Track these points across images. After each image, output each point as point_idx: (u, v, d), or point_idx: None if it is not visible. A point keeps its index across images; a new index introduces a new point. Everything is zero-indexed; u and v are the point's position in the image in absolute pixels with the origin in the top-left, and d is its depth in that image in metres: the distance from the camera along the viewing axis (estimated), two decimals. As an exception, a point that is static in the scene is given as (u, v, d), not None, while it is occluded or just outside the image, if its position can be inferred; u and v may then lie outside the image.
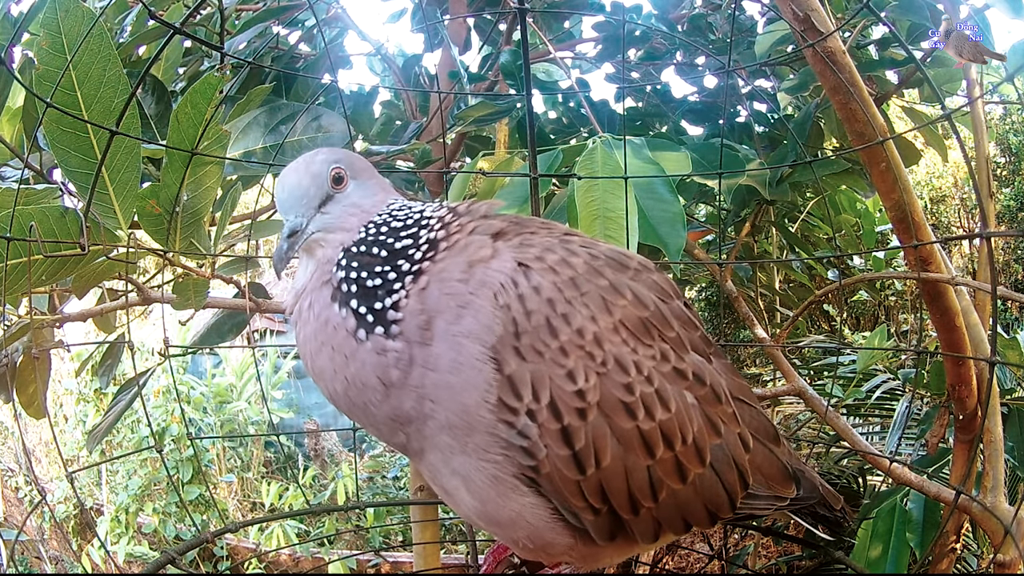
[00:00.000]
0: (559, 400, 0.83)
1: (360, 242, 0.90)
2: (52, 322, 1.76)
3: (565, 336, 0.84)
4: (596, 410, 0.84)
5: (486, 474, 0.86)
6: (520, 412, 0.82)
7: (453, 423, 0.84)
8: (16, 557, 5.18)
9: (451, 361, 0.83)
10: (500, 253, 0.88)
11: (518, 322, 0.83)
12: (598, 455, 0.84)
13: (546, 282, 0.85)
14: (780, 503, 1.02)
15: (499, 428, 0.83)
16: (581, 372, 0.84)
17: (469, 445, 0.85)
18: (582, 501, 0.85)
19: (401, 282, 0.85)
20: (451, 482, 0.90)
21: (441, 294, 0.84)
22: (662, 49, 2.49)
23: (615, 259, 0.94)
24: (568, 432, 0.83)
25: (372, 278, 0.86)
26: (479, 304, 0.84)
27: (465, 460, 0.86)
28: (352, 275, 0.87)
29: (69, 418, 6.36)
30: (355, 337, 0.85)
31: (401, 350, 0.83)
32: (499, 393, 0.82)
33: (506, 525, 0.91)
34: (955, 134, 1.18)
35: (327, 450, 7.21)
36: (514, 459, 0.84)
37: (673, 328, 0.94)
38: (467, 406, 0.83)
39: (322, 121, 1.75)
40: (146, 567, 1.81)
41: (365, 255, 0.88)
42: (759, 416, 1.03)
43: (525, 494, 0.87)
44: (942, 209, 7.62)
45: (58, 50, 1.22)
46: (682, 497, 0.90)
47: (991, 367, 1.13)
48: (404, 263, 0.87)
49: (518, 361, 0.82)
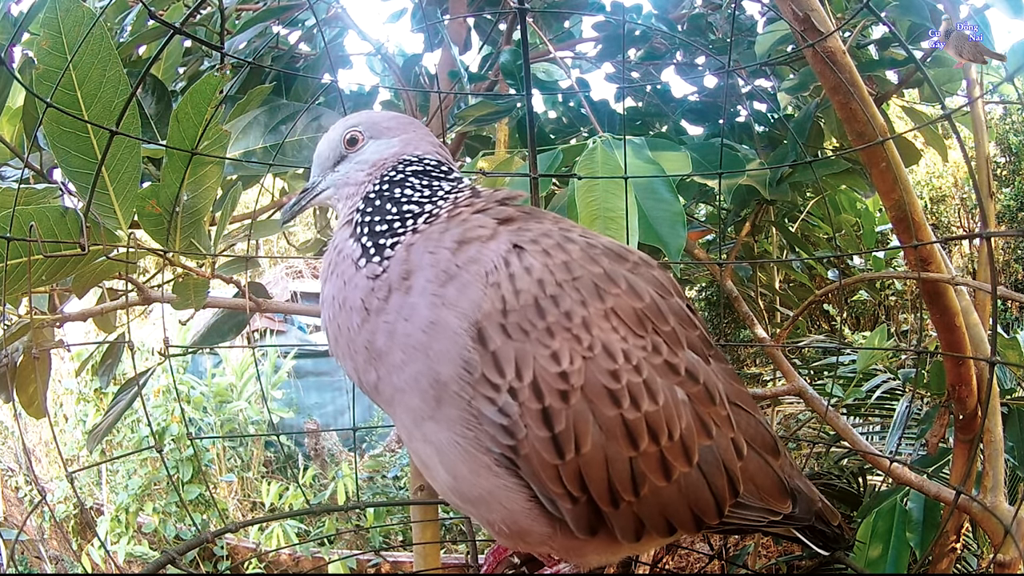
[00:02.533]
0: (541, 380, 0.83)
1: (377, 194, 0.99)
2: (52, 322, 1.76)
3: (552, 317, 0.84)
4: (579, 394, 0.84)
5: (458, 448, 0.86)
6: (502, 389, 0.83)
7: (422, 386, 0.86)
8: (16, 557, 5.18)
9: (426, 320, 0.85)
10: (499, 235, 0.90)
11: (506, 300, 0.84)
12: (578, 440, 0.84)
13: (538, 263, 0.86)
14: (773, 517, 1.00)
15: (479, 404, 0.83)
16: (566, 354, 0.83)
17: (440, 414, 0.86)
18: (560, 487, 0.85)
19: (403, 231, 0.93)
20: (425, 449, 0.91)
21: (424, 251, 0.89)
22: (662, 49, 2.49)
23: (614, 250, 0.95)
24: (548, 413, 0.83)
25: (381, 223, 0.95)
26: (467, 279, 0.85)
27: (436, 428, 0.87)
28: (367, 218, 0.97)
29: (69, 418, 6.37)
30: (356, 264, 0.93)
31: (383, 281, 0.90)
32: (482, 369, 0.83)
33: (479, 504, 0.91)
34: (955, 134, 1.18)
35: (327, 450, 7.21)
36: (491, 436, 0.84)
37: (668, 323, 0.93)
38: (440, 377, 0.85)
39: (322, 121, 1.75)
40: (146, 567, 1.81)
41: (379, 207, 0.97)
42: (758, 425, 1.01)
43: (500, 475, 0.86)
44: (942, 209, 7.63)
45: (58, 50, 1.22)
46: (665, 496, 0.89)
47: (991, 367, 1.13)
48: (409, 219, 0.95)
49: (503, 338, 0.83)
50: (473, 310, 0.84)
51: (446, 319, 0.84)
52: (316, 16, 1.84)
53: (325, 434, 7.15)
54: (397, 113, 1.09)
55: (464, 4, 2.38)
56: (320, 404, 8.20)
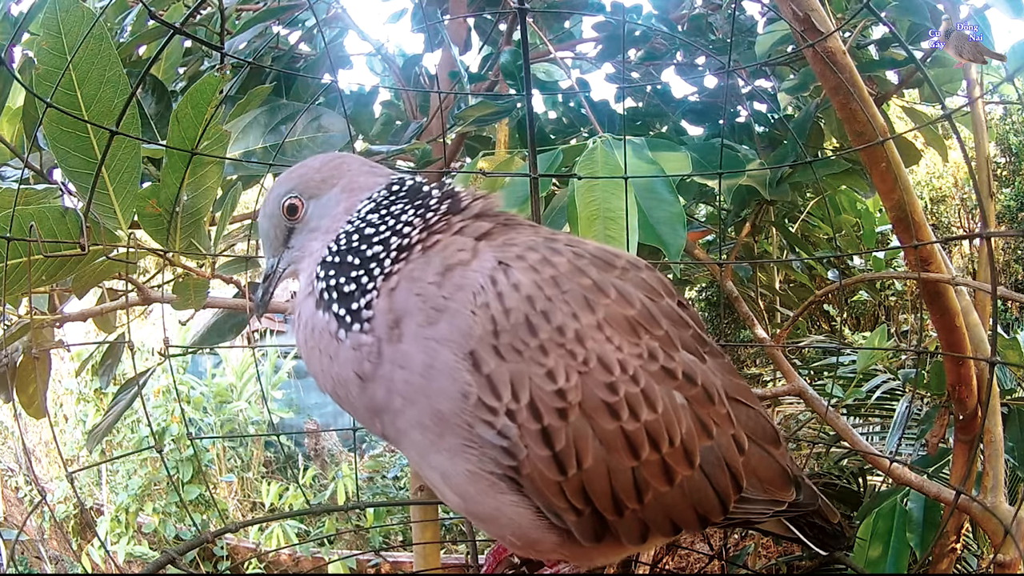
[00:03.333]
0: (539, 400, 0.82)
1: (335, 253, 0.93)
2: (52, 322, 1.76)
3: (545, 334, 0.83)
4: (578, 410, 0.83)
5: (463, 472, 0.86)
6: (499, 412, 0.81)
7: (425, 423, 0.85)
8: (16, 557, 5.18)
9: (423, 364, 0.83)
10: (481, 254, 0.87)
11: (496, 320, 0.82)
12: (579, 456, 0.83)
13: (526, 280, 0.84)
14: (778, 507, 1.00)
15: (478, 428, 0.83)
16: (562, 371, 0.82)
17: (443, 445, 0.85)
18: (564, 502, 0.85)
19: (373, 283, 0.88)
20: (432, 476, 0.91)
21: (410, 294, 0.85)
22: (662, 49, 2.49)
23: (601, 258, 0.93)
24: (548, 433, 0.82)
25: (348, 284, 0.89)
26: (455, 308, 0.83)
27: (440, 458, 0.87)
28: (331, 283, 0.91)
29: (69, 418, 6.37)
30: (336, 338, 0.88)
31: (371, 343, 0.86)
32: (479, 393, 0.81)
33: (489, 521, 0.91)
34: (955, 134, 1.18)
35: (327, 450, 7.21)
36: (493, 458, 0.84)
37: (662, 326, 0.92)
38: (441, 412, 0.83)
39: (322, 121, 1.75)
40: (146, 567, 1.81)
41: (340, 264, 0.91)
42: (757, 417, 1.01)
43: (505, 492, 0.86)
44: (942, 209, 7.63)
45: (58, 50, 1.22)
46: (669, 499, 0.88)
47: (991, 367, 1.13)
48: (375, 267, 0.89)
49: (497, 360, 0.82)
50: (465, 339, 0.82)
51: (442, 357, 0.83)
52: (316, 16, 1.84)
53: (325, 434, 7.14)
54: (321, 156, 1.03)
55: (464, 4, 2.38)
56: (320, 404, 8.18)
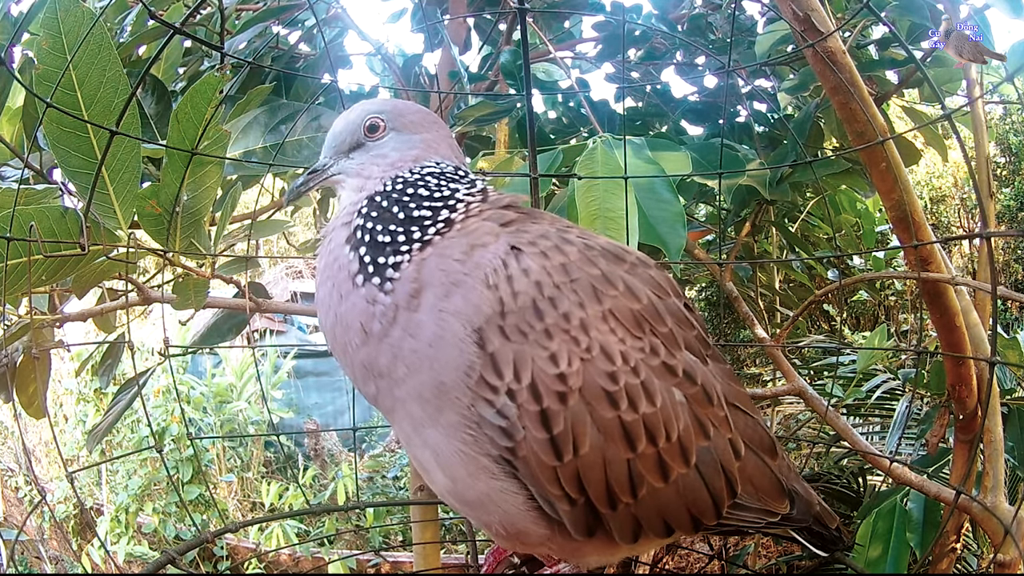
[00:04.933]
0: (540, 382, 0.83)
1: (384, 195, 0.94)
2: (52, 322, 1.76)
3: (550, 319, 0.84)
4: (577, 396, 0.84)
5: (457, 451, 0.86)
6: (500, 391, 0.82)
7: (425, 396, 0.86)
8: (16, 557, 5.18)
9: (433, 334, 0.84)
10: (499, 238, 0.90)
11: (504, 302, 0.84)
12: (576, 442, 0.84)
13: (536, 265, 0.86)
14: (771, 518, 1.00)
15: (478, 406, 0.83)
16: (564, 356, 0.83)
17: (440, 420, 0.86)
18: (558, 489, 0.85)
19: (409, 246, 0.89)
20: (423, 454, 0.91)
21: (437, 268, 0.87)
22: (662, 49, 2.49)
23: (611, 251, 0.94)
24: (547, 415, 0.83)
25: (384, 234, 0.90)
26: (470, 284, 0.85)
27: (435, 433, 0.87)
28: (368, 224, 0.91)
29: (69, 418, 6.37)
30: (353, 280, 0.89)
31: (388, 306, 0.87)
32: (481, 371, 0.83)
33: (477, 506, 0.91)
34: (955, 134, 1.18)
35: (327, 450, 7.21)
36: (490, 438, 0.84)
37: (666, 324, 0.93)
38: (444, 383, 0.84)
39: (322, 121, 1.75)
40: (146, 567, 1.81)
41: (385, 210, 0.92)
42: (756, 426, 1.01)
43: (497, 477, 0.86)
44: (942, 209, 7.63)
45: (58, 50, 1.22)
46: (663, 497, 0.89)
47: (991, 367, 1.13)
48: (416, 231, 0.90)
49: (502, 340, 0.83)
50: (475, 314, 0.84)
51: (452, 329, 0.84)
52: (316, 16, 1.84)
53: (325, 434, 7.15)
54: (422, 107, 1.05)
55: (464, 4, 2.38)
56: (320, 404, 8.19)
